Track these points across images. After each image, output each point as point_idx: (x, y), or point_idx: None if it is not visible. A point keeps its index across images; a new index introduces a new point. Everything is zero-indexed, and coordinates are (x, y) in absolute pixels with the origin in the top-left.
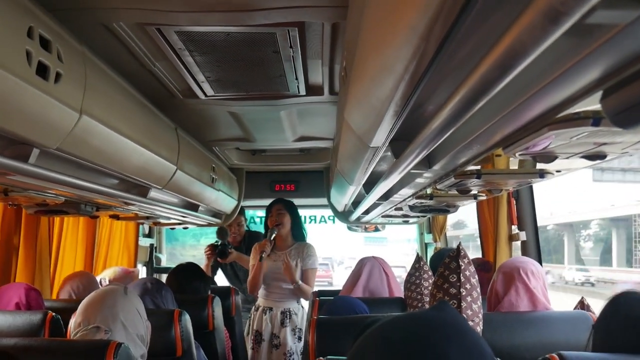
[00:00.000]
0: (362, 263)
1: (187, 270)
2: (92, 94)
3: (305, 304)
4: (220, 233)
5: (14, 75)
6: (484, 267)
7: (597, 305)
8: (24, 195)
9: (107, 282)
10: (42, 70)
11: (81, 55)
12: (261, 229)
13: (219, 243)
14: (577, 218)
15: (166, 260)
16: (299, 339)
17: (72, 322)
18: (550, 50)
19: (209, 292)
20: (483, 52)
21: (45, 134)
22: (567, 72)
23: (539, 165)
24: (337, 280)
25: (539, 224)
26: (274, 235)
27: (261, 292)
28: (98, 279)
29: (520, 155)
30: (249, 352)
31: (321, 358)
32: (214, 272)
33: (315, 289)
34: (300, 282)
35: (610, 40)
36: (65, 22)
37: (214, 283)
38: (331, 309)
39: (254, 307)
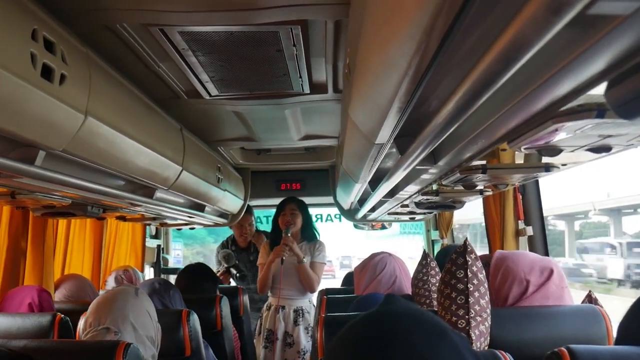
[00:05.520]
0: (378, 260)
1: (197, 271)
2: (96, 96)
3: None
4: (226, 259)
5: (19, 77)
6: None
7: None
8: (31, 198)
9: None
10: (46, 73)
11: (85, 57)
12: (268, 228)
13: (231, 267)
14: None
15: None
16: (312, 337)
17: (82, 322)
18: (553, 42)
19: (217, 292)
20: (486, 46)
21: (51, 136)
22: (570, 64)
23: (545, 159)
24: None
25: None
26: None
27: (273, 291)
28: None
29: (525, 149)
30: (262, 351)
31: None
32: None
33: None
34: (306, 261)
35: (613, 31)
36: (69, 24)
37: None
38: (358, 306)
39: (265, 306)
